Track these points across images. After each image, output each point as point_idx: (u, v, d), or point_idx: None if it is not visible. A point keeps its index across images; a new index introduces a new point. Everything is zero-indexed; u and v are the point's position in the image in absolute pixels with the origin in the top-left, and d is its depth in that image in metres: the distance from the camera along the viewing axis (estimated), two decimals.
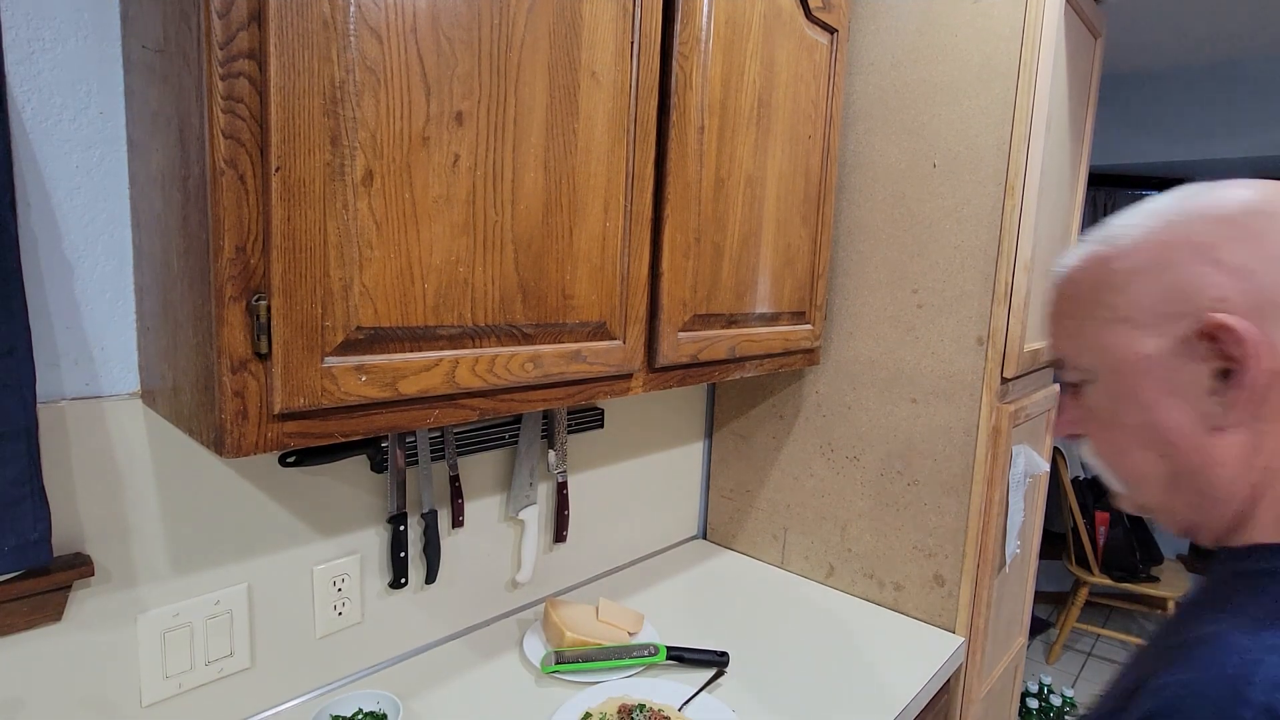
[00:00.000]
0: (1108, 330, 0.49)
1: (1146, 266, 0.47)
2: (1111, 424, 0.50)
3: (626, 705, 1.02)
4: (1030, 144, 1.21)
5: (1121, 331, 0.48)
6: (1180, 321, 0.45)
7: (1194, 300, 0.45)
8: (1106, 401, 0.50)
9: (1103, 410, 0.50)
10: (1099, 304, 0.49)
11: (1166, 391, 0.47)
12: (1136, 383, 0.48)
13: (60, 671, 0.82)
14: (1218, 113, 2.75)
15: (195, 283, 0.65)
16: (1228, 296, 0.44)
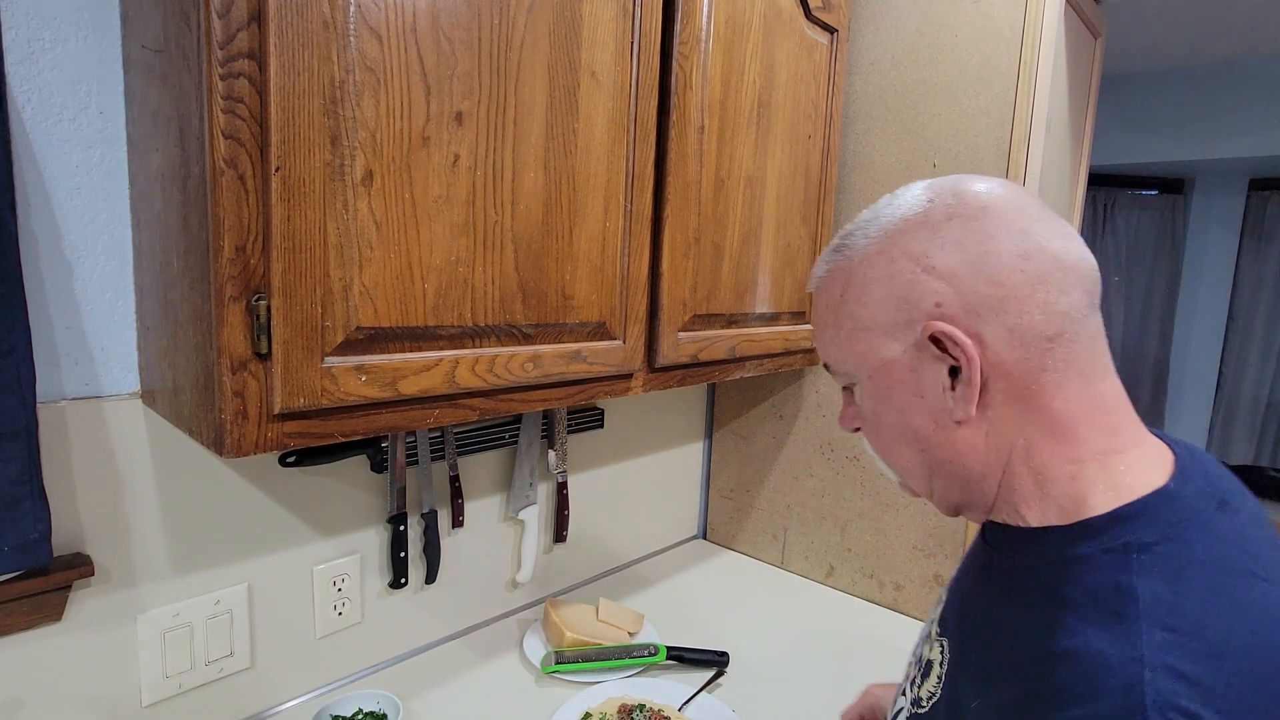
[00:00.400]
0: (858, 339, 0.52)
1: (879, 278, 0.50)
2: (876, 423, 0.54)
3: (626, 705, 1.02)
4: (1030, 144, 1.21)
5: (867, 339, 0.51)
6: (912, 328, 0.49)
7: (919, 307, 0.48)
8: (869, 403, 0.54)
9: (867, 410, 0.54)
10: (847, 315, 0.52)
11: (913, 393, 0.50)
12: (889, 386, 0.51)
13: (60, 671, 0.82)
14: (1218, 113, 2.75)
15: (195, 283, 0.65)
16: (943, 301, 0.48)
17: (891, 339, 0.50)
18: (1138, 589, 0.42)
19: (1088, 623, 0.42)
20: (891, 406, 0.52)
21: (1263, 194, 3.06)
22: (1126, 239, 3.35)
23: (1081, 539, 0.46)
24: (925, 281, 0.48)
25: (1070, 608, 0.43)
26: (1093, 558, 0.45)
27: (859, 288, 0.52)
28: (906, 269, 0.49)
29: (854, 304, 0.52)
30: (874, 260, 0.51)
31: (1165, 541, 0.44)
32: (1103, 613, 0.42)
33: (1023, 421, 0.48)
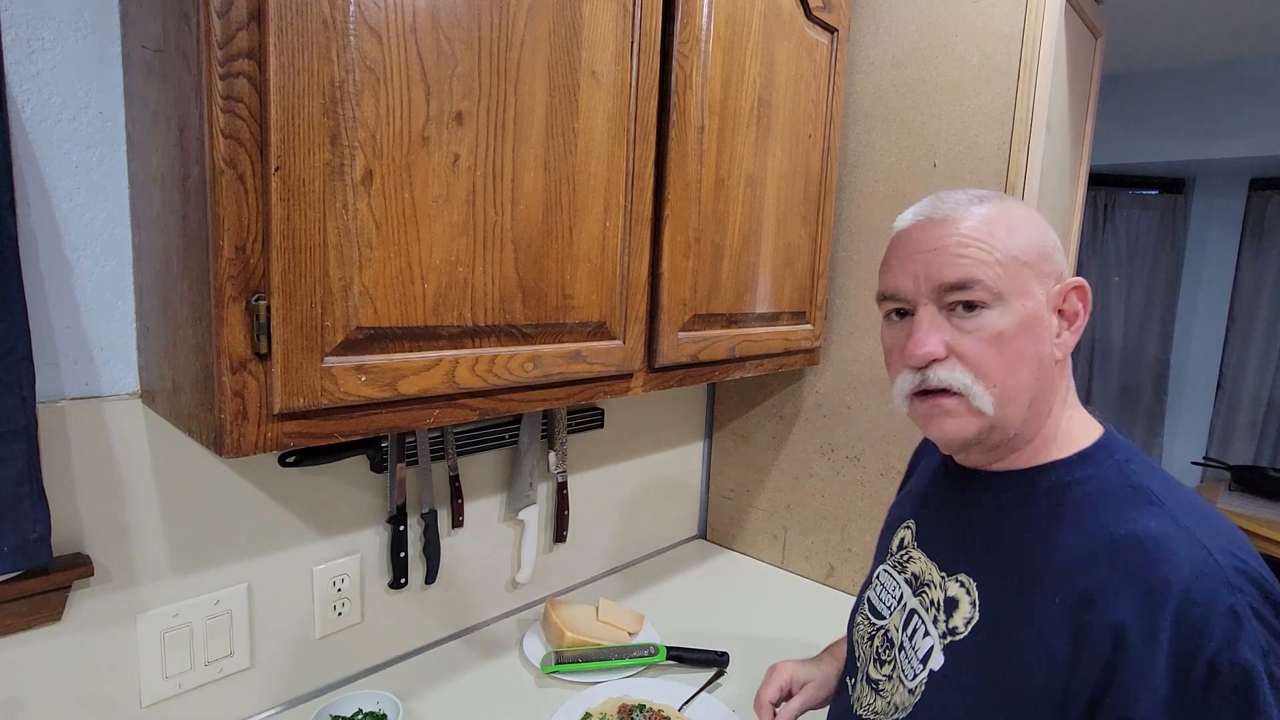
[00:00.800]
0: (1020, 271, 0.61)
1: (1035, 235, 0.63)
2: (1009, 345, 0.61)
3: (626, 705, 1.02)
4: (1030, 144, 1.21)
5: (1026, 275, 0.61)
6: (1049, 279, 0.63)
7: (1056, 266, 0.63)
8: (1012, 324, 0.60)
9: (1007, 332, 0.61)
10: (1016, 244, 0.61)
11: (1042, 330, 0.62)
12: (1033, 317, 0.61)
13: (60, 671, 0.82)
14: (1218, 113, 2.75)
15: (195, 282, 0.65)
16: (1063, 271, 0.64)
17: (1038, 282, 0.62)
18: (1147, 486, 0.58)
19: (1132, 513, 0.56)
20: (1029, 333, 0.61)
21: (1263, 194, 3.06)
22: (1127, 239, 3.35)
23: (1085, 463, 0.62)
24: (1055, 252, 0.63)
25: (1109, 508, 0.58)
26: (1103, 474, 0.60)
27: (1023, 234, 0.62)
28: (1051, 240, 0.63)
29: (1021, 245, 0.61)
30: (1031, 220, 0.63)
31: (1133, 459, 0.62)
32: (1135, 505, 0.57)
33: (1063, 379, 0.65)
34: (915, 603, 0.70)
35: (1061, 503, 0.60)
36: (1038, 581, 0.58)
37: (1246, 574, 0.52)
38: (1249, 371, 3.12)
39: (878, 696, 0.70)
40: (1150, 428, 3.35)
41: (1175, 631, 0.50)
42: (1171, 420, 3.33)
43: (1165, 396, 3.33)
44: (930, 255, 0.62)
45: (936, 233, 0.62)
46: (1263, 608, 0.51)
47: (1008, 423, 0.62)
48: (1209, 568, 0.51)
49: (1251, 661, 0.49)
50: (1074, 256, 1.64)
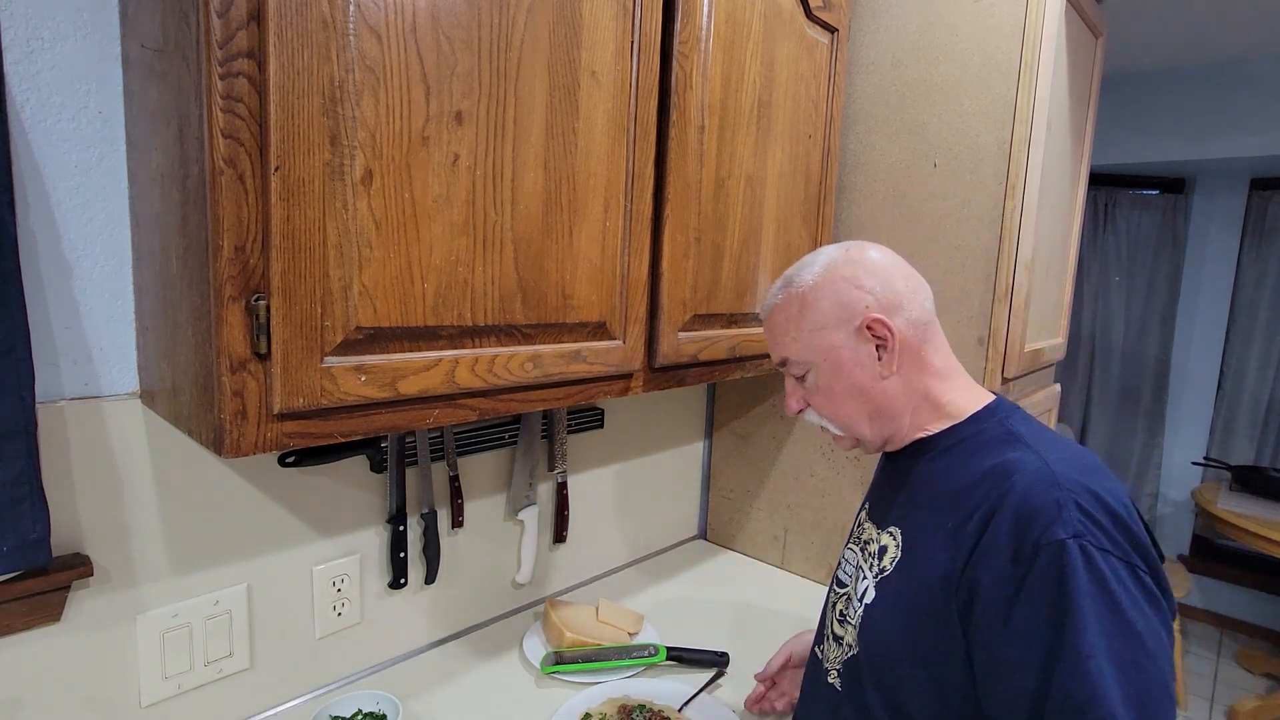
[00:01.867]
0: (815, 336, 0.79)
1: (825, 294, 0.79)
2: (830, 391, 0.81)
3: (626, 706, 1.02)
4: (1031, 143, 1.21)
5: (822, 335, 0.79)
6: (851, 321, 0.78)
7: (855, 309, 0.78)
8: (825, 379, 0.80)
9: (823, 384, 0.81)
10: (806, 321, 0.80)
11: (855, 364, 0.79)
12: (839, 362, 0.79)
13: (59, 672, 0.82)
14: (1218, 113, 2.75)
15: (194, 282, 0.65)
16: (869, 304, 0.78)
17: (837, 331, 0.79)
18: (1018, 431, 0.75)
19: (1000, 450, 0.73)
20: (842, 375, 0.79)
21: (1264, 194, 3.06)
22: (1127, 239, 3.35)
23: (974, 423, 0.78)
24: (857, 294, 0.78)
25: (986, 451, 0.74)
26: (986, 428, 0.77)
27: (813, 302, 0.80)
28: (844, 287, 0.79)
29: (810, 313, 0.80)
30: (820, 284, 0.80)
31: (1013, 415, 0.78)
32: (1004, 445, 0.73)
33: (919, 374, 0.80)
34: (861, 560, 0.85)
35: (958, 453, 0.77)
36: (937, 512, 0.74)
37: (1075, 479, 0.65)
38: (1249, 371, 3.12)
39: (839, 646, 0.83)
40: (1150, 428, 3.35)
41: (1013, 522, 0.65)
42: (1172, 420, 3.33)
43: (1165, 396, 3.33)
44: (770, 347, 0.86)
45: (766, 330, 0.86)
46: (1085, 501, 0.64)
47: (865, 435, 0.82)
48: (1044, 476, 0.66)
49: (1064, 539, 0.62)
50: (1074, 256, 1.64)
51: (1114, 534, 0.63)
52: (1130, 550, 0.63)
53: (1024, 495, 0.65)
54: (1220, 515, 2.57)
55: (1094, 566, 0.61)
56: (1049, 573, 0.62)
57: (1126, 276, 3.37)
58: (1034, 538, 0.63)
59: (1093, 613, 0.60)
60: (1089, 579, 0.60)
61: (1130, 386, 3.40)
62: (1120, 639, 0.60)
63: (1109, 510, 0.64)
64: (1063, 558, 0.61)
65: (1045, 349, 1.46)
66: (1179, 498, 3.30)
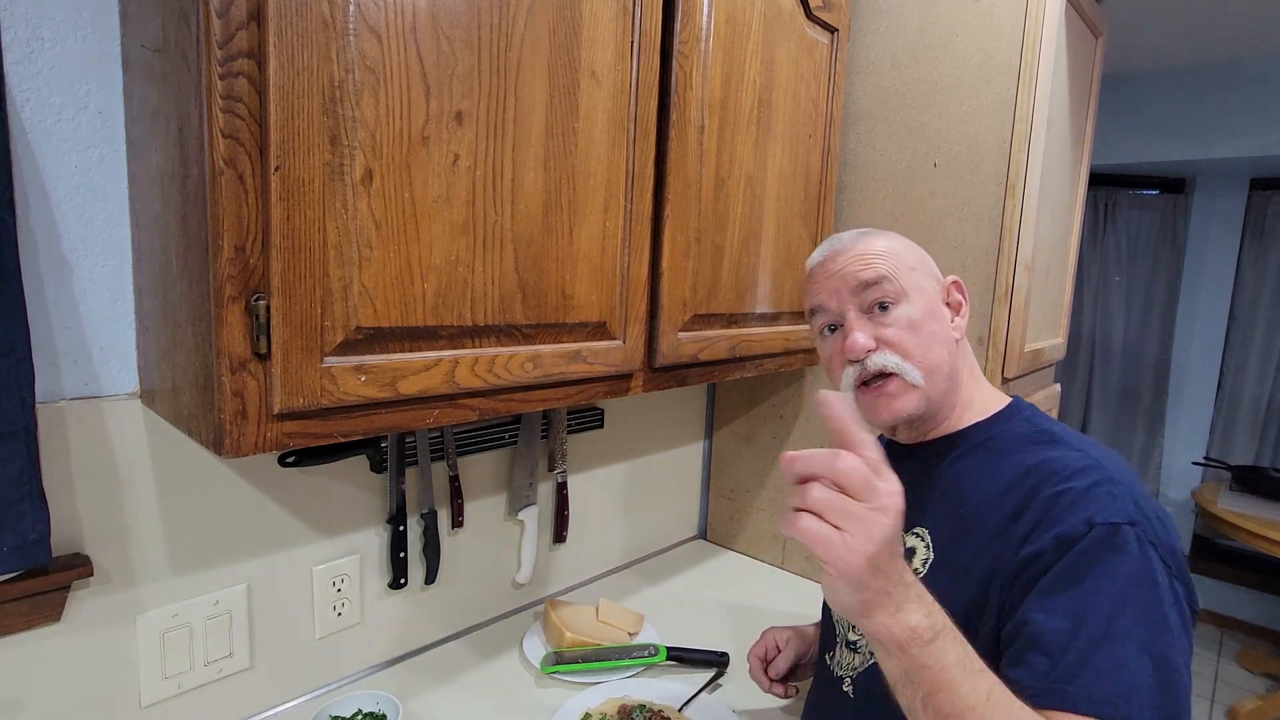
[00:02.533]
0: (911, 274, 0.78)
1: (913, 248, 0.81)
2: (921, 330, 0.76)
3: (626, 706, 1.02)
4: (1031, 143, 1.21)
5: (916, 274, 0.78)
6: (936, 276, 0.81)
7: (935, 271, 0.82)
8: (920, 314, 0.76)
9: (916, 320, 0.76)
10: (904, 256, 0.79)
11: (941, 315, 0.79)
12: (932, 305, 0.78)
13: (59, 672, 0.82)
14: (1218, 113, 2.75)
15: (194, 282, 0.65)
16: (939, 273, 0.82)
17: (928, 278, 0.80)
18: (1050, 429, 0.74)
19: (1036, 449, 0.71)
20: (933, 318, 0.77)
21: (1264, 194, 3.06)
22: (1127, 239, 3.35)
23: (1000, 420, 0.78)
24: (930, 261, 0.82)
25: (1020, 449, 0.73)
26: (1013, 427, 0.76)
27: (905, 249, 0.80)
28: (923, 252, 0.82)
29: (908, 254, 0.79)
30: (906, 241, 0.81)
31: (1036, 414, 0.78)
32: (1040, 444, 0.72)
33: (964, 358, 0.82)
34: None
35: (987, 451, 0.75)
36: (975, 513, 0.72)
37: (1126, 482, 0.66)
38: (1249, 372, 3.12)
39: (855, 654, 0.81)
40: (1150, 428, 3.35)
41: (1066, 507, 0.64)
42: (1172, 420, 3.33)
43: (1166, 396, 3.33)
44: (844, 270, 0.79)
45: (844, 258, 0.79)
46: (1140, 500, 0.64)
47: (936, 391, 0.77)
48: (1097, 470, 0.66)
49: (1119, 521, 0.62)
50: (1074, 256, 1.64)
51: (1160, 533, 0.63)
52: (1170, 556, 0.63)
53: (1083, 488, 0.65)
54: (1220, 515, 2.57)
55: (1146, 555, 0.61)
56: (1099, 547, 0.61)
57: (1126, 276, 3.37)
58: (1087, 517, 0.63)
59: (1136, 595, 0.59)
60: (1139, 565, 0.60)
61: (1130, 386, 3.40)
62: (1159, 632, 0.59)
63: (1156, 513, 0.64)
64: (1115, 538, 0.61)
65: (1045, 349, 1.46)
66: (1179, 498, 3.30)
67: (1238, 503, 2.68)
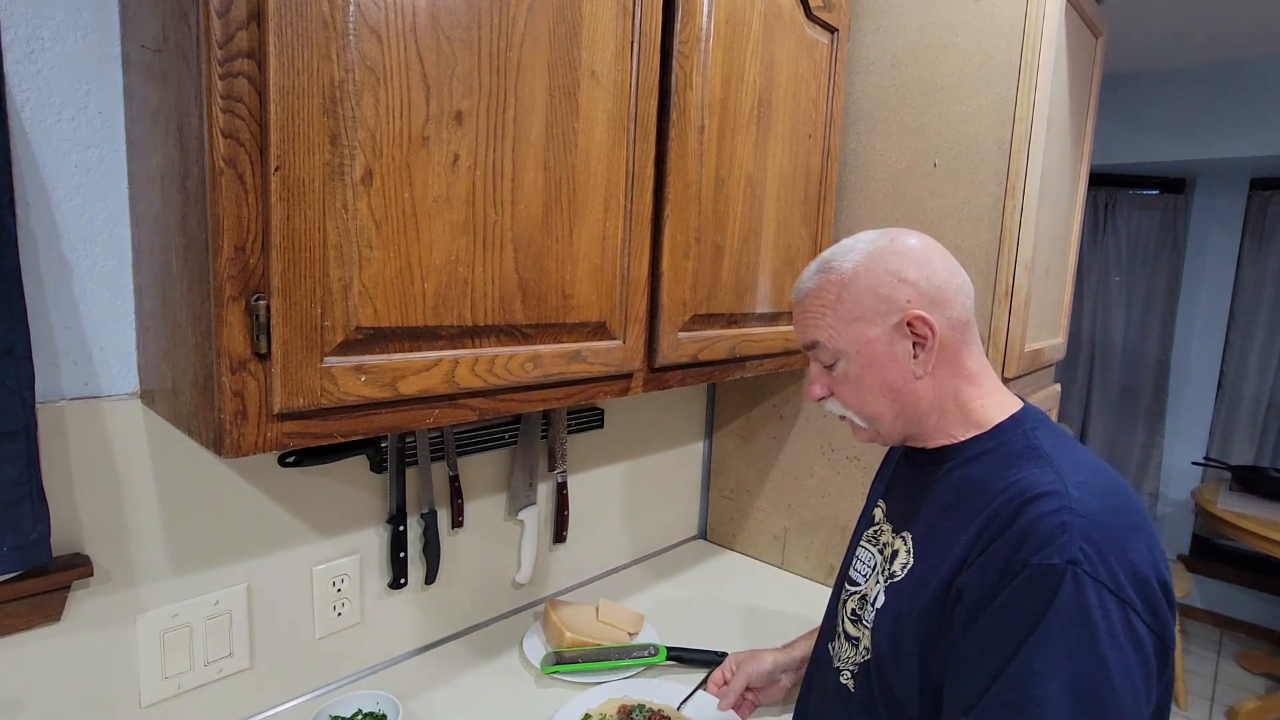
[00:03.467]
0: (851, 326, 0.76)
1: (866, 285, 0.75)
2: (859, 384, 0.77)
3: (626, 706, 1.02)
4: (1031, 143, 1.21)
5: (858, 325, 0.76)
6: (890, 316, 0.74)
7: (896, 302, 0.74)
8: (855, 370, 0.77)
9: (852, 376, 0.77)
10: (843, 310, 0.76)
11: (889, 360, 0.75)
12: (873, 356, 0.76)
13: (59, 672, 0.82)
14: (1218, 113, 2.75)
15: (194, 282, 0.65)
16: (912, 299, 0.74)
17: (875, 324, 0.75)
18: (1042, 445, 0.72)
19: (1020, 466, 0.70)
20: (874, 370, 0.76)
21: (1264, 194, 3.06)
22: (1127, 239, 3.35)
23: (1000, 434, 0.75)
24: (900, 287, 0.74)
25: (1009, 466, 0.71)
26: (1010, 440, 0.74)
27: (852, 291, 0.76)
28: (886, 279, 0.75)
29: (848, 302, 0.76)
30: (861, 273, 0.76)
31: (1039, 427, 0.75)
32: (1028, 460, 0.70)
33: (952, 376, 0.77)
34: (879, 561, 0.84)
35: (980, 466, 0.75)
36: (952, 524, 0.72)
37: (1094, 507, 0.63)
38: (1249, 371, 3.12)
39: (854, 648, 0.83)
40: (1150, 428, 3.35)
41: (1016, 538, 0.64)
42: (1172, 420, 3.33)
43: (1165, 396, 3.33)
44: (798, 330, 0.82)
45: (797, 313, 0.82)
46: (1094, 531, 0.62)
47: (891, 429, 0.79)
48: (1058, 495, 0.64)
49: (1055, 563, 0.61)
50: (1074, 256, 1.64)
51: (1114, 568, 0.61)
52: (1128, 587, 0.61)
53: (1033, 517, 0.64)
54: (1220, 515, 2.57)
55: (1081, 594, 0.59)
56: (1031, 590, 0.61)
57: (1126, 276, 3.37)
58: (1025, 557, 0.62)
59: (1061, 636, 0.59)
60: (1072, 605, 0.59)
61: (1130, 386, 3.40)
62: (1086, 669, 0.58)
63: (1118, 544, 0.62)
64: (1048, 580, 0.60)
65: (1045, 349, 1.46)
66: (1179, 498, 3.30)
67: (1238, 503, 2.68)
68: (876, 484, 0.96)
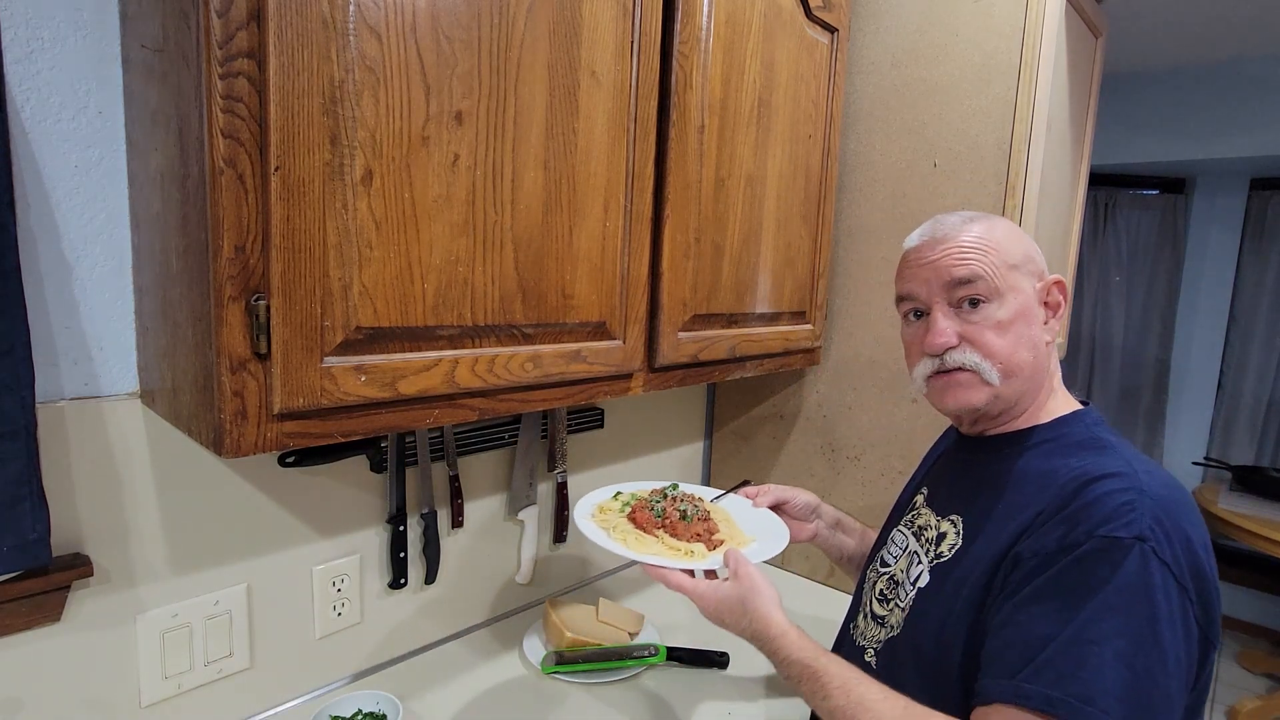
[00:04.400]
0: (1010, 272, 0.76)
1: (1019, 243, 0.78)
2: (1009, 330, 0.75)
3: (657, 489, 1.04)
4: (1031, 143, 1.21)
5: (1015, 275, 0.76)
6: (1037, 275, 0.78)
7: (1040, 268, 0.79)
8: (1008, 315, 0.75)
9: (1005, 321, 0.75)
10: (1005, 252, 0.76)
11: (1034, 317, 0.77)
12: (1026, 306, 0.76)
13: (59, 672, 0.82)
14: (1218, 112, 2.75)
15: (194, 282, 0.65)
16: (1043, 268, 0.79)
17: (1028, 278, 0.77)
18: (1105, 438, 0.74)
19: (1083, 454, 0.72)
20: (1024, 321, 0.76)
21: (1264, 194, 3.06)
22: (1127, 238, 3.35)
23: (1062, 425, 0.77)
24: (1036, 256, 0.78)
25: (1073, 454, 0.72)
26: (1074, 431, 0.76)
27: (1013, 240, 0.77)
28: (1030, 246, 0.78)
29: (1010, 249, 0.76)
30: (1012, 231, 0.78)
31: (1100, 423, 0.77)
32: (1092, 450, 0.72)
33: (1052, 359, 0.79)
34: (915, 545, 0.84)
35: (1038, 454, 0.75)
36: (1007, 509, 0.73)
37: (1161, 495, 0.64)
38: (1250, 371, 3.12)
39: (880, 627, 0.83)
40: (1151, 428, 3.35)
41: (1080, 510, 0.64)
42: (1172, 420, 3.33)
43: (1166, 396, 3.33)
44: (939, 262, 0.77)
45: (941, 247, 0.77)
46: (1164, 517, 0.62)
47: (1011, 391, 0.77)
48: (1128, 478, 0.65)
49: (1122, 537, 0.61)
50: (1074, 256, 1.64)
51: (1179, 554, 0.61)
52: (1189, 577, 0.61)
53: (1101, 492, 0.64)
54: (1220, 515, 2.57)
55: (1147, 570, 0.59)
56: (1094, 559, 0.61)
57: (1126, 276, 3.37)
58: (1090, 528, 0.62)
59: (1123, 609, 0.58)
60: (1137, 580, 0.59)
61: (1130, 386, 3.40)
62: (1143, 647, 0.58)
63: (1184, 535, 0.62)
64: (1114, 552, 0.60)
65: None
66: None
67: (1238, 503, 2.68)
68: (917, 475, 0.97)
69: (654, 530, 0.93)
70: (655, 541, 0.91)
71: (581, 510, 0.98)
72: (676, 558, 0.88)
